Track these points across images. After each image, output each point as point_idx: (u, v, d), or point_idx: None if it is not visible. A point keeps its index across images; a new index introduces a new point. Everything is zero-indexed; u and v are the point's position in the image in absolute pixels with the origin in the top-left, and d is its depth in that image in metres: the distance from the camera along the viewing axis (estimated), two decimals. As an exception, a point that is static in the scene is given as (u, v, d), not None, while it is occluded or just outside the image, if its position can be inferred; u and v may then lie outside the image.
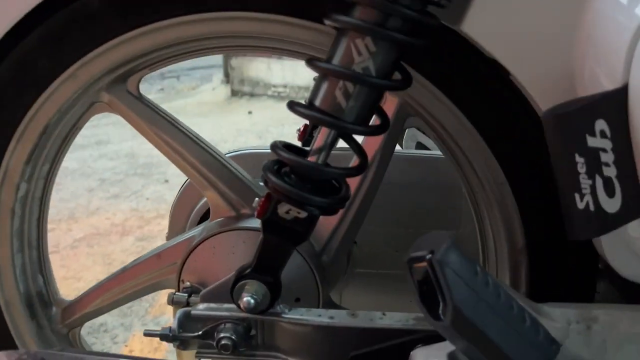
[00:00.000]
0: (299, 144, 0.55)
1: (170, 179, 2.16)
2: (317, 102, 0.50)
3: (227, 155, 0.78)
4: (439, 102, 0.58)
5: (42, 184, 0.70)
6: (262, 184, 0.56)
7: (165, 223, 1.82)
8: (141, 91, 0.68)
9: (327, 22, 0.50)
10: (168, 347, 1.28)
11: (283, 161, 0.53)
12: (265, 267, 0.56)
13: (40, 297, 0.75)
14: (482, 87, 0.57)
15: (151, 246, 1.71)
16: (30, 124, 0.64)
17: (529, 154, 0.58)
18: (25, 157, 0.66)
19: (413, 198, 0.78)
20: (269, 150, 0.55)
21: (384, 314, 0.57)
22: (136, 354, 1.27)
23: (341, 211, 0.66)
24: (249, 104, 3.53)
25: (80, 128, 0.70)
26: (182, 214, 0.82)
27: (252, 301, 0.55)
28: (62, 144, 0.69)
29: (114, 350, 1.29)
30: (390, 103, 0.63)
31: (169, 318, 1.41)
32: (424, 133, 0.81)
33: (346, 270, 0.78)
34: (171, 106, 3.03)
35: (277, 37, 0.59)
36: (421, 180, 0.78)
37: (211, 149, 0.70)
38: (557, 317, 0.49)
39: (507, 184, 0.59)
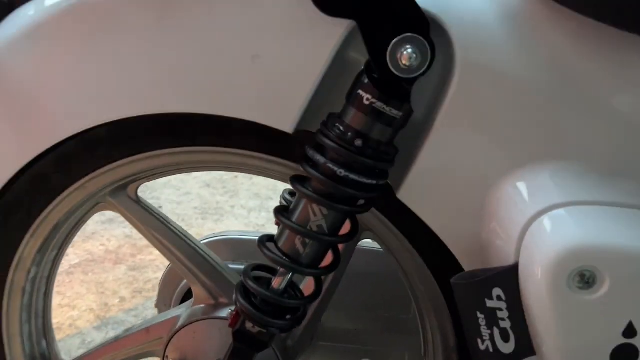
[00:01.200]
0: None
1: (164, 205, 2.26)
2: (280, 244, 0.62)
3: (205, 241, 0.90)
4: (386, 229, 0.70)
5: (49, 266, 0.81)
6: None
7: (155, 252, 1.93)
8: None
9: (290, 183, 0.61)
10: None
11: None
12: (234, 366, 0.67)
13: (42, 358, 0.86)
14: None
15: (142, 277, 1.82)
16: (42, 223, 0.74)
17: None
18: (37, 248, 0.76)
19: (371, 285, 0.90)
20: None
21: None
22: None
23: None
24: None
25: (86, 222, 0.81)
26: (169, 289, 0.94)
27: (223, 395, 0.67)
28: (68, 235, 0.80)
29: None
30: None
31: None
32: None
33: (310, 343, 0.90)
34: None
35: (256, 168, 0.71)
36: (379, 271, 0.89)
37: (194, 243, 0.81)
38: None
39: (441, 297, 0.71)
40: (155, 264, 1.86)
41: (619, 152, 0.57)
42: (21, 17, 0.62)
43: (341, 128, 0.56)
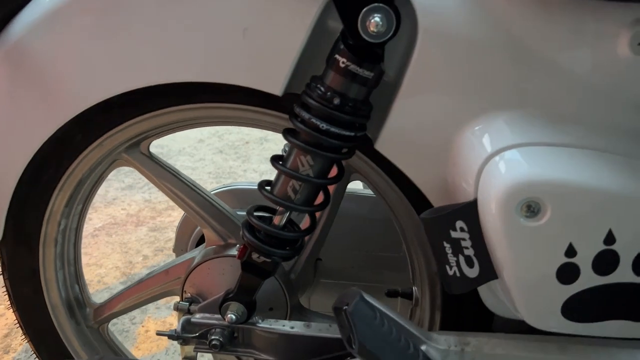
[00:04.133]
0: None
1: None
2: (277, 187, 0.70)
3: (215, 192, 0.99)
4: (372, 170, 0.78)
5: (77, 218, 0.91)
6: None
7: (174, 214, 2.05)
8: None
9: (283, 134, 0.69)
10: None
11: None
12: (243, 293, 0.77)
13: (77, 301, 0.96)
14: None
15: (162, 237, 1.94)
16: (68, 179, 0.83)
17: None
18: (65, 202, 0.86)
19: (365, 227, 0.98)
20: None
21: (330, 326, 0.78)
22: (151, 333, 1.51)
23: (305, 239, 0.87)
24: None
25: (105, 177, 0.90)
26: (185, 234, 1.03)
27: (234, 317, 0.76)
28: (92, 190, 0.89)
29: (132, 329, 1.52)
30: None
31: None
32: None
33: (313, 280, 1.00)
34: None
35: (250, 121, 0.79)
36: (371, 214, 0.98)
37: (204, 192, 0.90)
38: (441, 342, 0.68)
39: (422, 226, 0.79)
40: (174, 224, 1.98)
41: (564, 99, 0.63)
42: (42, 2, 0.71)
43: (322, 89, 0.64)
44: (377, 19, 0.60)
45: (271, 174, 0.73)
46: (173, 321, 1.54)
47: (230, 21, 0.66)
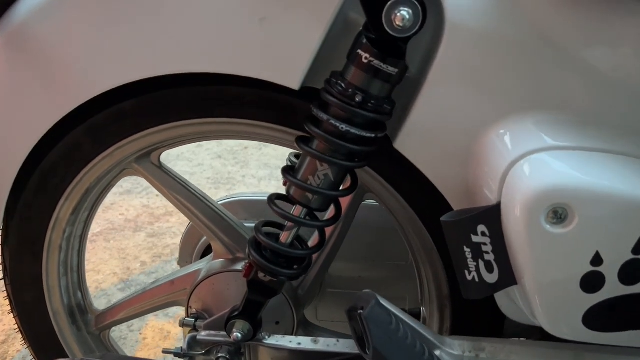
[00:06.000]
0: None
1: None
2: (292, 194, 0.68)
3: (221, 202, 0.98)
4: (385, 189, 0.77)
5: (82, 226, 0.90)
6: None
7: (172, 220, 2.03)
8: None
9: (296, 143, 0.68)
10: (176, 336, 1.50)
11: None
12: (249, 311, 0.75)
13: (79, 308, 0.95)
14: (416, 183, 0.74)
15: (161, 243, 1.92)
16: (75, 187, 0.82)
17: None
18: (71, 210, 0.84)
19: (373, 238, 0.98)
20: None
21: (338, 341, 0.78)
22: (149, 341, 1.49)
23: (315, 256, 0.86)
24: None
25: (113, 185, 0.89)
26: (190, 245, 1.03)
27: (240, 335, 0.75)
28: (98, 198, 0.89)
29: (130, 336, 1.51)
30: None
31: (176, 311, 1.62)
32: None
33: (320, 292, 0.99)
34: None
35: (265, 136, 0.78)
36: (380, 224, 0.97)
37: (213, 204, 0.89)
38: (455, 347, 0.68)
39: (434, 249, 0.78)
40: (172, 230, 1.96)
41: (593, 102, 0.61)
42: None
43: (343, 85, 0.61)
44: (403, 12, 0.57)
45: (269, 179, 0.72)
46: (171, 329, 1.53)
47: (246, 10, 0.63)
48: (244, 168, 2.52)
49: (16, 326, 0.93)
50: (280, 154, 2.59)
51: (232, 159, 2.60)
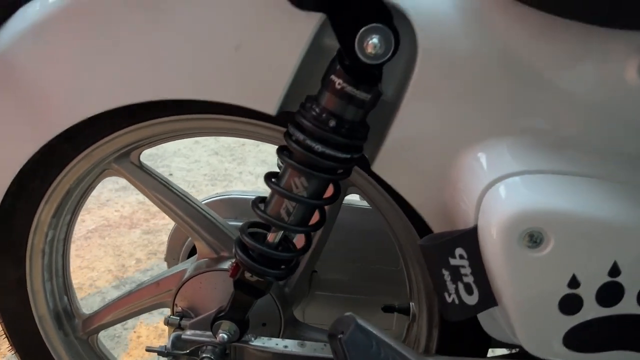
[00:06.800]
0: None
1: (174, 172, 2.33)
2: (270, 206, 0.67)
3: (206, 201, 0.96)
4: (370, 185, 0.76)
5: (65, 229, 0.89)
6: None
7: (168, 217, 2.02)
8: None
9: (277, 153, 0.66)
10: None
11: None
12: (235, 311, 0.74)
13: (65, 312, 0.94)
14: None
15: (156, 240, 1.91)
16: (55, 189, 0.80)
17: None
18: (52, 212, 0.83)
19: (362, 240, 0.96)
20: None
21: (325, 345, 0.76)
22: (143, 339, 1.48)
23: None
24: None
25: (95, 187, 0.88)
26: (177, 244, 1.01)
27: (226, 336, 0.74)
28: (80, 200, 0.87)
29: (124, 335, 1.50)
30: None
31: (168, 311, 1.61)
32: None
33: (308, 293, 0.98)
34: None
35: (245, 132, 0.76)
36: (369, 226, 0.96)
37: (195, 203, 0.88)
38: None
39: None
40: (168, 227, 1.95)
41: (569, 125, 0.61)
42: (28, 14, 0.68)
43: (317, 110, 0.61)
44: (375, 40, 0.57)
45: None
46: (165, 327, 1.52)
47: (222, 37, 0.63)
48: (241, 165, 2.50)
49: (2, 332, 0.92)
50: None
51: (229, 155, 2.58)
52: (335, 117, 0.61)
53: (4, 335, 0.92)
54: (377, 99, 0.62)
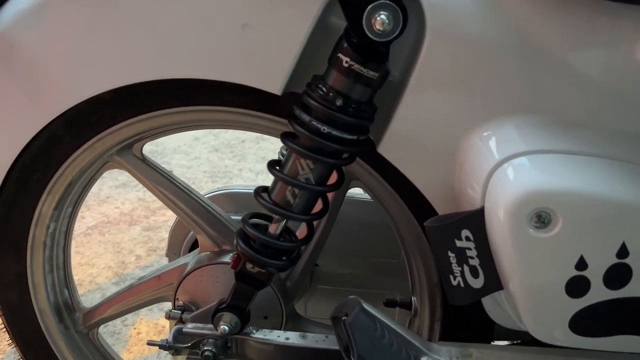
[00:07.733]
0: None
1: (174, 169, 2.33)
2: (274, 194, 0.67)
3: (208, 195, 0.96)
4: (372, 177, 0.75)
5: (66, 221, 0.88)
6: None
7: (168, 213, 2.02)
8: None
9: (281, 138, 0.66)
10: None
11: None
12: (237, 303, 0.74)
13: (66, 306, 0.93)
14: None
15: (156, 236, 1.91)
16: (57, 181, 0.80)
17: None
18: (54, 204, 0.83)
19: (364, 233, 0.96)
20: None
21: (327, 337, 0.76)
22: (143, 335, 1.48)
23: (302, 248, 0.84)
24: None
25: (97, 179, 0.87)
26: (178, 238, 1.01)
27: (227, 328, 0.74)
28: (82, 192, 0.87)
29: (123, 331, 1.50)
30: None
31: (169, 305, 1.60)
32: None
33: (309, 287, 0.97)
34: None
35: (247, 125, 0.76)
36: (371, 219, 0.96)
37: (197, 196, 0.87)
38: (443, 353, 0.66)
39: (423, 236, 0.77)
40: (168, 224, 1.95)
41: (577, 105, 0.60)
42: None
43: (324, 89, 0.61)
44: (383, 16, 0.57)
45: (267, 173, 0.70)
46: (165, 323, 1.51)
47: (229, 16, 0.63)
48: (241, 161, 2.50)
49: (2, 325, 0.91)
50: (278, 148, 2.57)
51: (229, 152, 2.58)
52: (342, 96, 0.60)
53: (4, 329, 0.91)
54: (385, 77, 0.61)
